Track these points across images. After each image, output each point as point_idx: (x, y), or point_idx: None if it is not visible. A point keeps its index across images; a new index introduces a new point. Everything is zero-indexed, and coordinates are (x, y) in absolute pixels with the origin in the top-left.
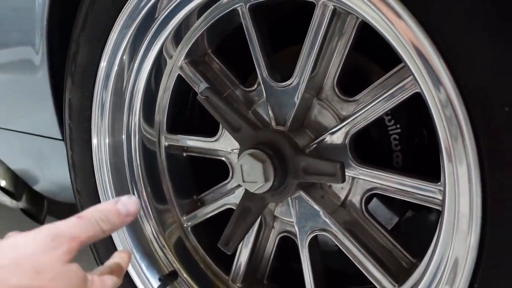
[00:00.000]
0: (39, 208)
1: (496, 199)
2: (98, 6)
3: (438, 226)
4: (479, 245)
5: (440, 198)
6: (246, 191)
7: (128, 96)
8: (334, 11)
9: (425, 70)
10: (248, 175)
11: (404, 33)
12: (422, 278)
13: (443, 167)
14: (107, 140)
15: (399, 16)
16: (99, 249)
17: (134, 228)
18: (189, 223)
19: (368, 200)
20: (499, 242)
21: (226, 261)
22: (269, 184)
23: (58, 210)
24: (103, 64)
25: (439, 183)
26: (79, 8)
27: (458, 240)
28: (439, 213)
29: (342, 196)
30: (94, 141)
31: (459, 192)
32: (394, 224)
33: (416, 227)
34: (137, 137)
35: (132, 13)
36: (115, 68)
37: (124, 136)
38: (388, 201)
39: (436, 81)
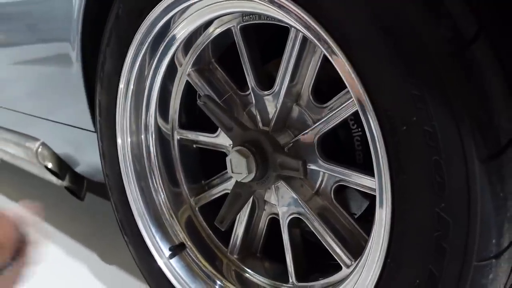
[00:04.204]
0: (79, 186)
1: (400, 194)
2: (119, 26)
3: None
4: (390, 231)
5: None
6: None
7: (145, 99)
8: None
9: (353, 93)
10: (236, 167)
11: (339, 64)
12: (363, 252)
13: (375, 169)
14: (129, 139)
15: (334, 53)
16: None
17: (152, 206)
18: (197, 204)
19: (338, 189)
20: (403, 228)
21: (226, 236)
22: (252, 175)
23: (97, 188)
24: (124, 73)
25: None
26: (105, 26)
27: (378, 226)
28: None
29: (316, 186)
30: (119, 140)
31: (379, 187)
32: (364, 209)
33: None
34: (154, 134)
35: (146, 32)
36: (134, 76)
37: (142, 136)
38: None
39: (360, 103)
